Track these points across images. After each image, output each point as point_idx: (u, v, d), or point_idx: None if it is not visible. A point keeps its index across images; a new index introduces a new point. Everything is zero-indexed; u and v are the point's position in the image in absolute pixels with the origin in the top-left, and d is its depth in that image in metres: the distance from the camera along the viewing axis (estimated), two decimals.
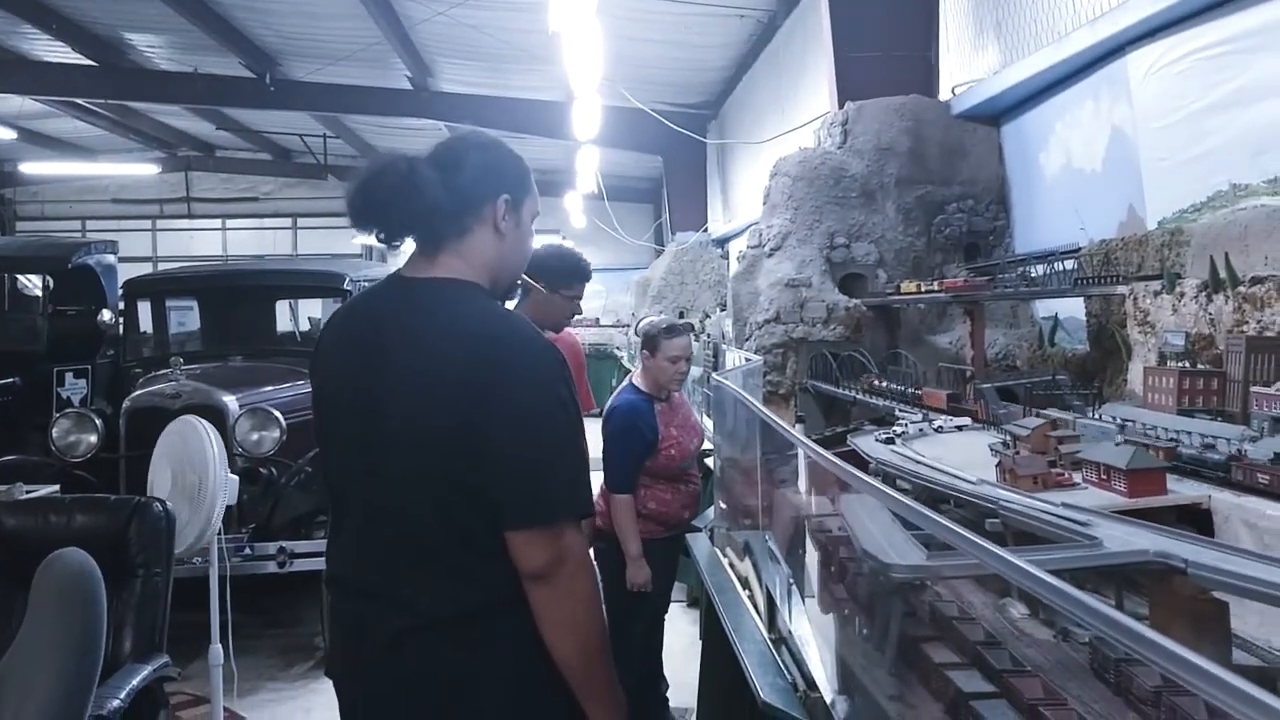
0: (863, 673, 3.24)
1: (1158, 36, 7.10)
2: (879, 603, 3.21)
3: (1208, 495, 3.89)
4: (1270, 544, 3.54)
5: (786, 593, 4.17)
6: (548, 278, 5.90)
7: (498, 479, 2.50)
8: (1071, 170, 8.41)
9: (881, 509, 3.08)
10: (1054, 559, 3.16)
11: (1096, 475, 4.07)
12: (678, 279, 19.07)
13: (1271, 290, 5.24)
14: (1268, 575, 2.75)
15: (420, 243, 2.85)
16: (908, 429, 5.48)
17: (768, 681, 3.92)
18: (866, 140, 9.58)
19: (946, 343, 9.46)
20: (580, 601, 2.57)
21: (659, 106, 17.61)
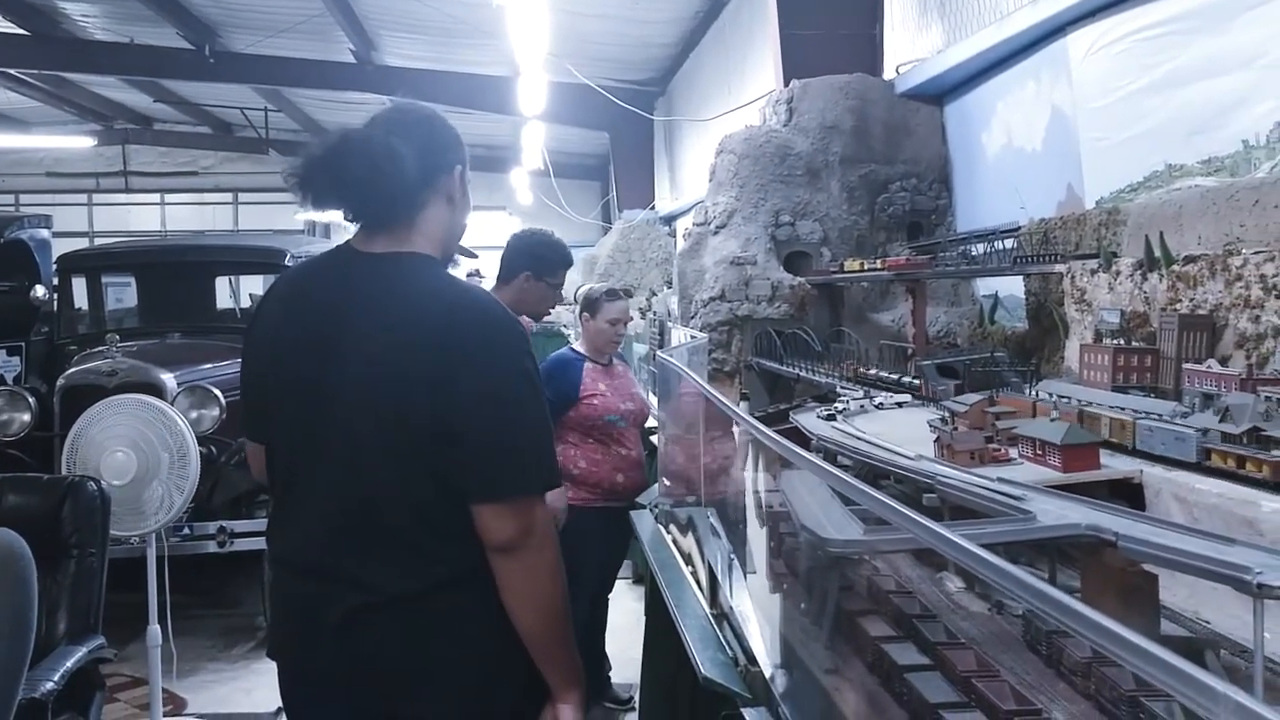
0: (801, 646, 3.26)
1: (1098, 17, 7.18)
2: (816, 577, 3.24)
3: (1140, 470, 3.97)
4: (1200, 517, 3.62)
5: (727, 568, 4.18)
6: (537, 266, 5.84)
7: (466, 452, 2.48)
8: (1012, 150, 8.50)
9: (820, 485, 3.10)
10: (988, 533, 3.21)
11: (1032, 450, 4.13)
12: (625, 257, 19.02)
13: (1204, 269, 5.34)
14: (1196, 548, 2.81)
15: (379, 217, 2.78)
16: (849, 406, 5.52)
17: (709, 656, 3.93)
18: (811, 118, 9.61)
19: (889, 320, 9.55)
20: (545, 573, 2.58)
21: (606, 83, 17.52)
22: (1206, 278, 5.33)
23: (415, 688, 2.56)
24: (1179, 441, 3.94)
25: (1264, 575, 2.53)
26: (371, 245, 2.74)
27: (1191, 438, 3.90)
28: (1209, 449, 3.81)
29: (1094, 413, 4.52)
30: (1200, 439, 3.88)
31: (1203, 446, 3.85)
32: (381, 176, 2.64)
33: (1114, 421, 4.39)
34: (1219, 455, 3.75)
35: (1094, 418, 4.48)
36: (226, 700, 7.41)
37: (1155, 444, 4.07)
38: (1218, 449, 3.76)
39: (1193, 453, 3.86)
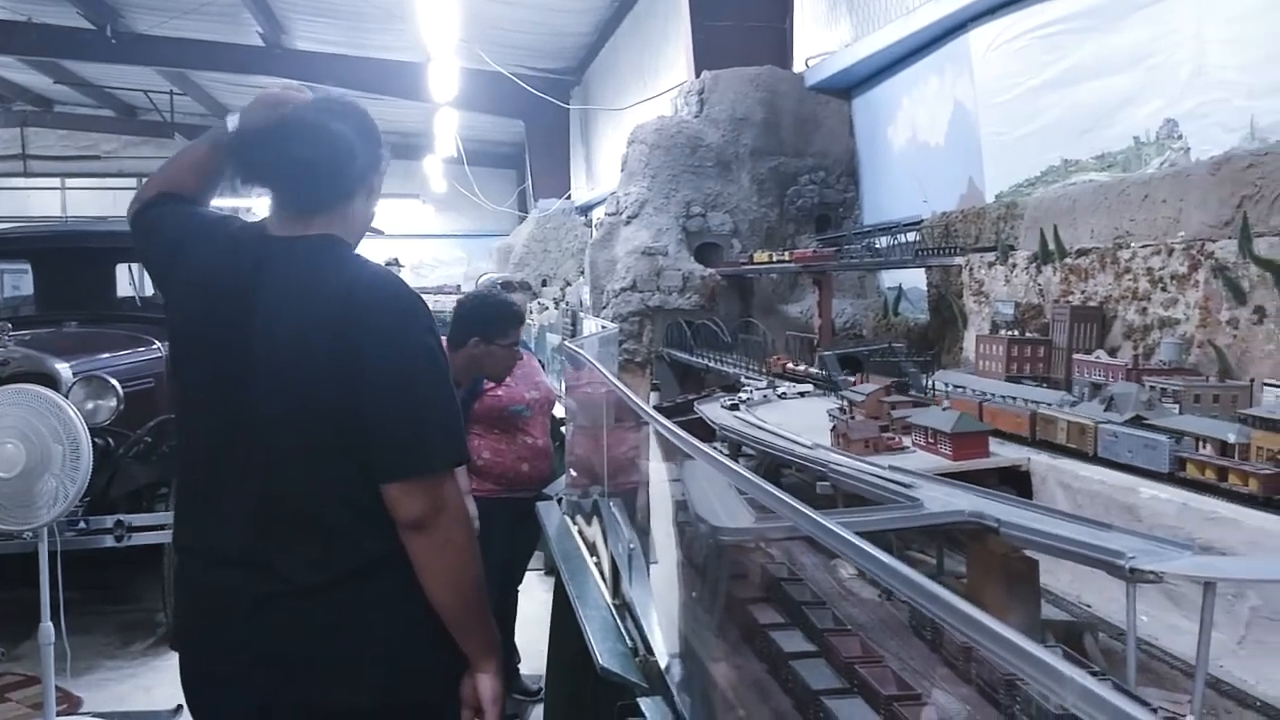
0: (696, 635, 3.28)
1: (998, 14, 7.33)
2: (709, 566, 3.25)
3: (1027, 458, 4.06)
4: (1082, 503, 3.73)
5: (629, 559, 4.19)
6: (485, 330, 5.72)
7: (374, 432, 2.46)
8: (917, 143, 8.64)
9: (716, 474, 3.12)
10: (876, 520, 3.27)
11: (925, 439, 4.21)
12: (540, 246, 18.93)
13: (1095, 262, 5.50)
14: (1073, 534, 2.89)
15: (311, 203, 2.73)
16: (753, 396, 5.57)
17: (608, 647, 3.93)
18: (722, 110, 9.66)
19: (798, 312, 9.66)
20: (459, 548, 2.57)
21: (520, 70, 17.38)
22: (1097, 270, 5.49)
23: (334, 674, 2.53)
24: (1149, 450, 3.61)
25: (1136, 560, 2.61)
26: (286, 229, 2.69)
27: (1164, 446, 3.57)
28: (1183, 458, 3.51)
29: (1048, 415, 4.21)
30: (1173, 447, 3.56)
31: (1176, 456, 3.54)
32: (332, 163, 2.61)
33: (1072, 425, 4.06)
34: (1195, 466, 3.43)
35: (1048, 420, 4.18)
36: (125, 698, 7.21)
37: (1120, 451, 3.74)
38: (1194, 459, 3.45)
39: (1165, 462, 3.54)
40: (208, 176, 2.98)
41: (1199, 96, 5.87)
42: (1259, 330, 4.61)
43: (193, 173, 2.99)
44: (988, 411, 4.52)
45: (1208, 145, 5.70)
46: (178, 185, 2.94)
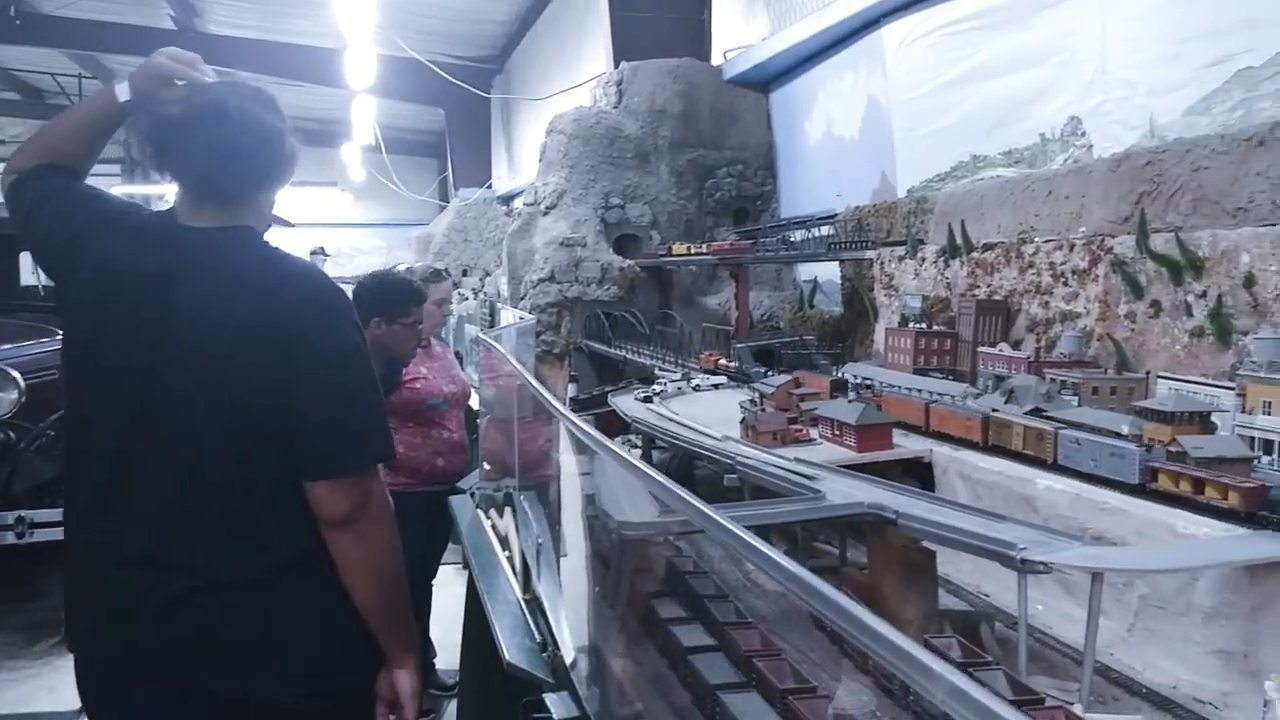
0: (601, 630, 3.27)
1: (910, 10, 7.42)
2: (614, 560, 3.25)
3: (929, 449, 4.12)
4: (982, 494, 3.79)
5: (539, 553, 4.17)
6: (386, 310, 5.60)
7: (304, 429, 2.41)
8: (832, 138, 8.72)
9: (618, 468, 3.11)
10: (779, 512, 3.29)
11: (831, 431, 4.25)
12: (461, 236, 18.75)
13: (1000, 256, 5.60)
14: (968, 525, 2.94)
15: (231, 192, 2.64)
16: (666, 388, 5.57)
17: (516, 642, 3.91)
18: (641, 101, 9.65)
19: (716, 304, 9.70)
20: (383, 545, 2.54)
21: (440, 58, 17.18)
22: (1002, 264, 5.59)
23: (251, 672, 2.48)
24: (1115, 459, 3.37)
25: (1027, 551, 2.66)
26: (199, 219, 2.61)
27: (1132, 455, 3.31)
28: (1155, 469, 3.25)
29: (1002, 419, 3.96)
30: (1144, 456, 3.29)
31: (1146, 466, 3.28)
32: (260, 153, 2.55)
33: (1029, 431, 3.79)
34: (1168, 477, 3.18)
35: (1003, 424, 3.94)
36: (28, 699, 7.00)
37: (1083, 460, 3.49)
38: (1167, 469, 3.20)
39: (1135, 473, 3.28)
40: (92, 144, 2.84)
41: (1102, 94, 6.01)
42: (1155, 324, 4.73)
43: (75, 140, 2.83)
44: (889, 402, 4.59)
45: (1110, 142, 5.84)
46: (59, 154, 2.77)
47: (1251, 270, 4.40)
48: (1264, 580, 2.65)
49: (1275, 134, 4.57)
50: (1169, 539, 2.92)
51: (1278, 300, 4.39)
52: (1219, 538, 2.79)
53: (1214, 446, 3.32)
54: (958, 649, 2.64)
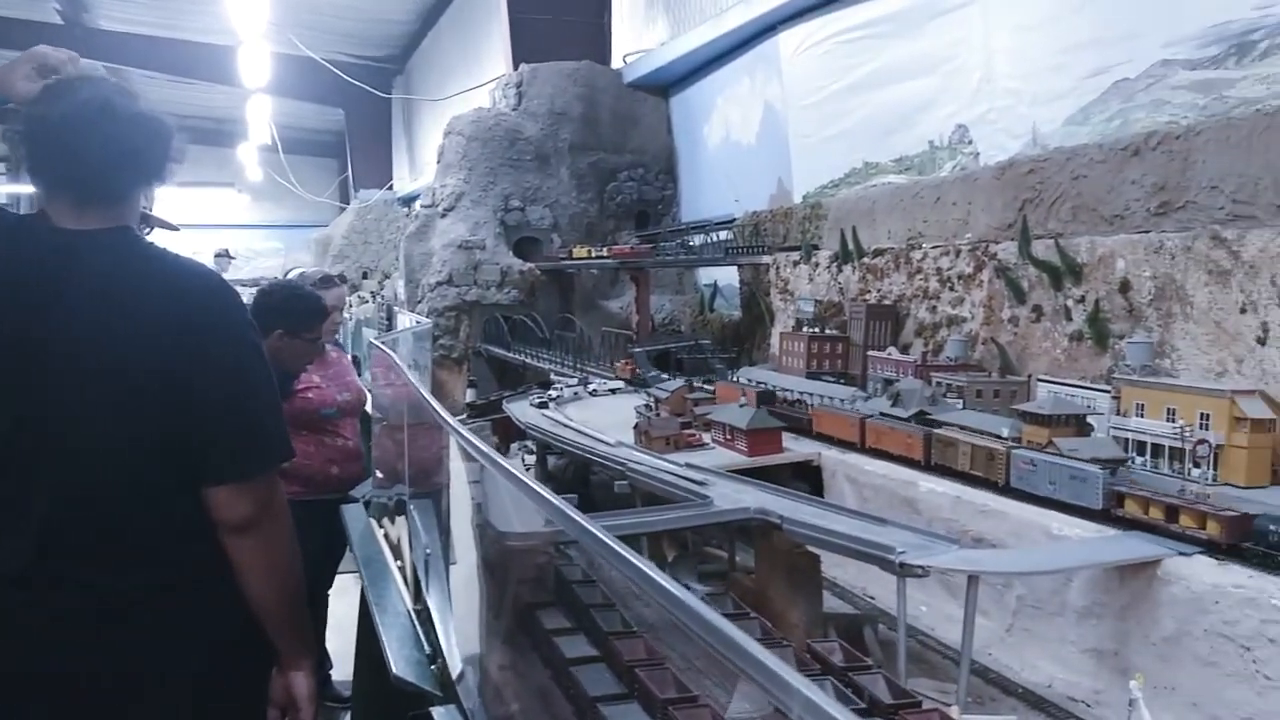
0: (487, 641, 3.22)
1: (805, 18, 7.50)
2: (500, 570, 3.20)
3: (818, 453, 4.16)
4: (868, 496, 3.84)
5: (425, 563, 4.09)
6: (289, 323, 5.42)
7: (205, 434, 2.29)
8: (730, 143, 8.78)
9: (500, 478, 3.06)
10: (667, 519, 3.28)
11: (723, 435, 4.26)
12: (361, 238, 18.44)
13: (890, 262, 5.70)
14: (850, 529, 2.96)
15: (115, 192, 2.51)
16: (563, 393, 5.53)
17: (404, 654, 3.82)
18: (541, 103, 9.59)
19: (618, 307, 9.69)
20: (284, 547, 2.44)
21: (340, 57, 16.88)
22: (892, 270, 5.69)
23: (141, 688, 2.38)
24: (1076, 483, 3.14)
25: (906, 554, 2.69)
26: (78, 220, 2.49)
27: (1095, 479, 3.09)
28: (1120, 494, 3.05)
29: (947, 436, 3.76)
30: (1108, 480, 3.09)
31: (1111, 490, 3.07)
32: (147, 152, 2.44)
33: (977, 451, 3.57)
34: (1136, 503, 2.98)
35: (948, 442, 3.73)
36: None
37: (1038, 483, 3.24)
38: (1135, 495, 3.01)
39: (1097, 498, 3.07)
40: None
41: (988, 103, 6.15)
42: (1036, 328, 4.86)
43: None
44: (819, 416, 4.56)
45: (995, 150, 5.98)
46: None
47: (1127, 276, 4.54)
48: (1132, 580, 2.72)
49: (1149, 144, 4.73)
50: (1043, 540, 2.98)
51: (1151, 305, 4.54)
52: (1090, 539, 2.86)
53: (1089, 448, 3.41)
54: (840, 653, 2.66)
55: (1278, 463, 3.69)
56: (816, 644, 2.74)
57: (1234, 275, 4.14)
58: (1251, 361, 4.00)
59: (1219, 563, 2.67)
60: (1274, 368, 3.91)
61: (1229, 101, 5.07)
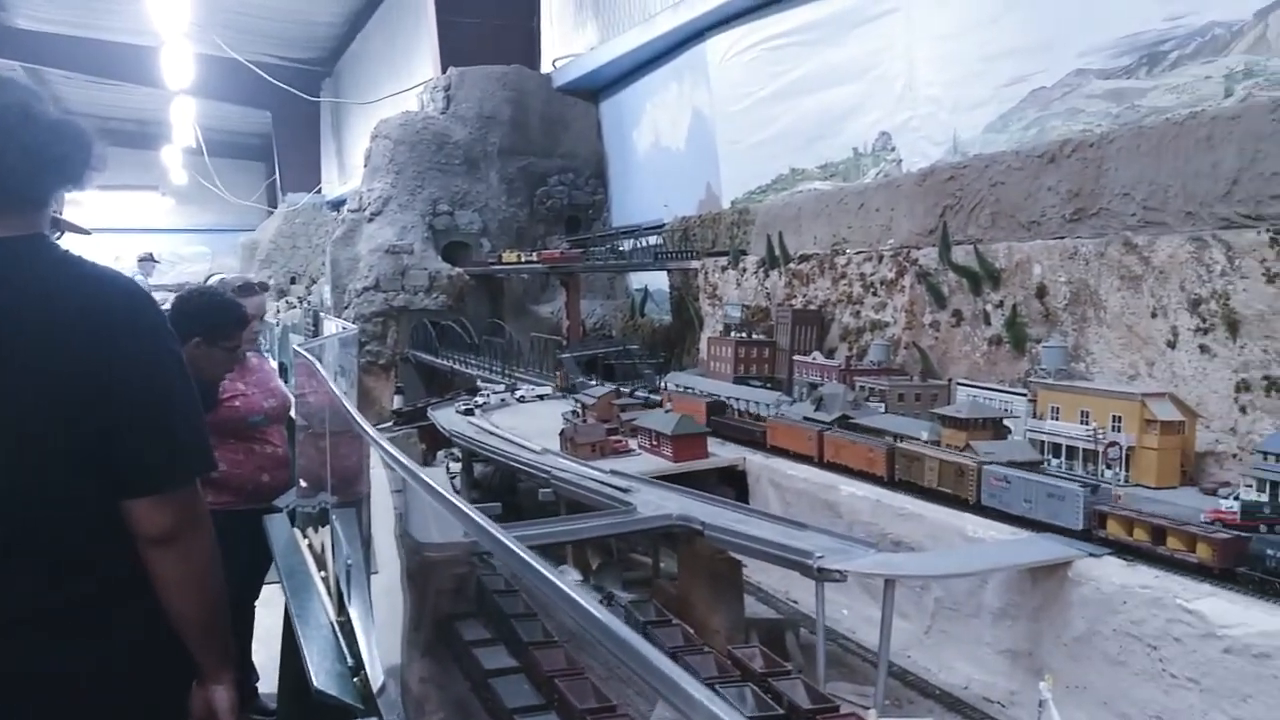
0: (409, 653, 3.18)
1: (732, 24, 7.55)
2: (421, 581, 3.17)
3: (743, 458, 4.18)
4: (791, 500, 3.86)
5: (347, 574, 4.03)
6: (209, 332, 5.29)
7: (128, 445, 2.23)
8: (660, 148, 8.81)
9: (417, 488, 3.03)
10: (590, 527, 3.27)
11: (649, 441, 4.26)
12: (289, 242, 18.17)
13: (815, 267, 5.75)
14: (770, 534, 2.98)
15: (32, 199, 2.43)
16: (489, 399, 5.49)
17: (326, 667, 3.76)
18: (470, 107, 9.55)
19: (549, 312, 9.66)
20: (206, 559, 2.39)
21: (266, 59, 16.61)
22: (817, 275, 5.74)
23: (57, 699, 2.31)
24: (1054, 501, 2.97)
25: (824, 559, 2.71)
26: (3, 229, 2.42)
27: (1075, 497, 2.92)
28: (1102, 513, 2.89)
29: (912, 450, 3.58)
30: (1089, 499, 2.93)
31: (1093, 510, 2.91)
32: (71, 157, 2.37)
33: (945, 466, 3.37)
34: (1119, 523, 2.83)
35: (913, 457, 3.54)
36: None
37: (1013, 501, 3.09)
38: (1118, 514, 2.86)
39: (1077, 517, 2.90)
40: None
41: (910, 110, 6.24)
42: (957, 333, 4.93)
43: None
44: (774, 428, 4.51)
45: (917, 157, 6.06)
46: None
47: (1043, 281, 4.63)
48: (1044, 581, 2.77)
49: (1065, 151, 4.83)
50: (959, 542, 3.02)
51: (1066, 310, 4.63)
52: (1004, 540, 2.91)
53: (1005, 451, 3.47)
54: (760, 659, 2.66)
55: (1187, 464, 3.80)
56: (737, 650, 2.75)
57: (1145, 280, 4.25)
58: (1162, 365, 4.11)
59: (1127, 563, 2.73)
60: (1183, 371, 4.01)
61: (1140, 110, 5.20)
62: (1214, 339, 3.94)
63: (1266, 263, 3.83)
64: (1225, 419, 3.85)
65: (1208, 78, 4.89)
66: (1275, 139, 3.99)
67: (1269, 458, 3.25)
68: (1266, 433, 3.61)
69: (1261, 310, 3.85)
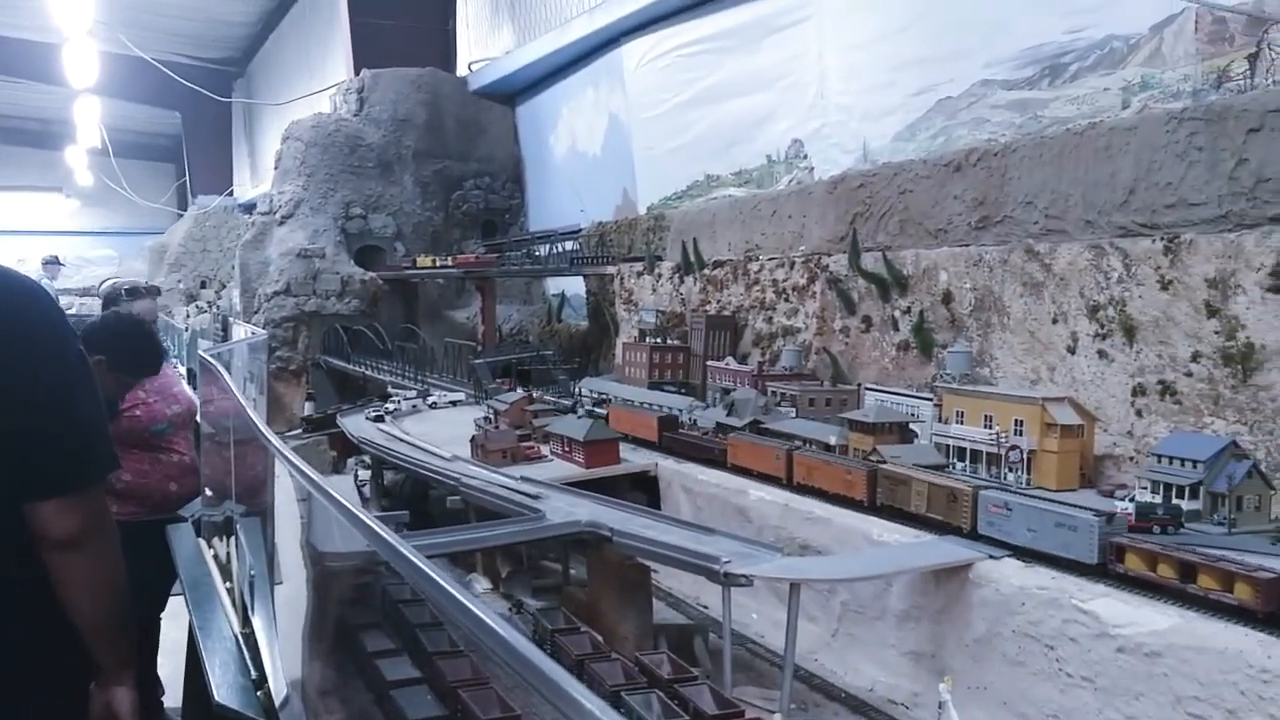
0: (312, 665, 3.11)
1: (647, 30, 7.56)
2: (326, 591, 3.10)
3: (654, 463, 4.17)
4: (702, 505, 3.87)
5: (250, 585, 3.93)
6: (115, 361, 5.08)
7: (32, 447, 2.15)
8: (576, 153, 8.79)
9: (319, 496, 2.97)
10: (496, 534, 3.23)
11: (561, 448, 4.23)
12: (199, 246, 17.76)
13: (729, 273, 5.78)
14: (679, 540, 2.97)
15: None
16: (400, 406, 5.42)
17: (228, 680, 3.66)
18: (383, 110, 9.43)
19: (464, 317, 9.57)
20: (112, 561, 2.33)
21: (176, 59, 16.23)
22: (731, 281, 5.77)
23: None
24: (1065, 532, 2.74)
25: (730, 564, 2.72)
26: None
27: (1090, 528, 2.71)
28: (1120, 546, 2.66)
29: (899, 474, 3.31)
30: (1104, 530, 2.71)
31: (1110, 542, 2.68)
32: None
33: (934, 491, 3.14)
34: (1140, 558, 2.60)
35: (899, 480, 3.28)
36: None
37: (1016, 531, 2.87)
38: (1140, 548, 2.64)
39: (1092, 550, 2.69)
40: None
41: (821, 119, 6.31)
42: (866, 338, 5.00)
43: None
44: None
45: (829, 165, 6.13)
46: None
47: (949, 287, 4.71)
48: (947, 583, 2.80)
49: (970, 160, 4.92)
50: (865, 545, 3.05)
51: (972, 315, 4.72)
52: (907, 543, 2.94)
53: (911, 455, 3.51)
54: (668, 665, 2.66)
55: (1086, 466, 3.89)
56: (645, 656, 2.74)
57: (1046, 287, 4.34)
58: (1063, 369, 4.21)
59: (1024, 565, 2.78)
60: (1083, 375, 4.11)
61: (1043, 120, 5.32)
62: (1111, 344, 4.04)
63: (1161, 270, 3.94)
64: (1122, 422, 3.96)
65: (1106, 89, 5.02)
66: (1170, 150, 4.12)
67: (1163, 460, 3.36)
68: (1161, 436, 3.72)
69: (1156, 316, 3.97)
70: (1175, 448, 3.36)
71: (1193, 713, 2.40)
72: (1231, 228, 3.88)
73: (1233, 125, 3.90)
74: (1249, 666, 2.34)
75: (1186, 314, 3.85)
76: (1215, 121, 3.97)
